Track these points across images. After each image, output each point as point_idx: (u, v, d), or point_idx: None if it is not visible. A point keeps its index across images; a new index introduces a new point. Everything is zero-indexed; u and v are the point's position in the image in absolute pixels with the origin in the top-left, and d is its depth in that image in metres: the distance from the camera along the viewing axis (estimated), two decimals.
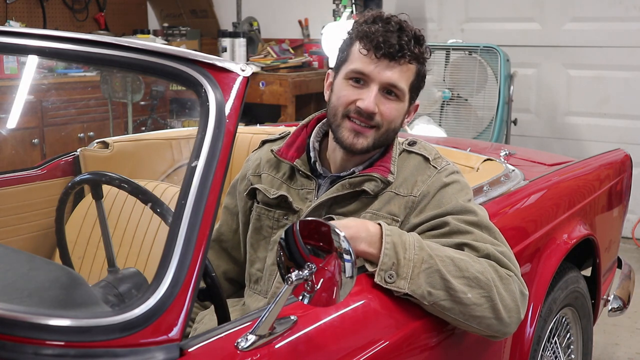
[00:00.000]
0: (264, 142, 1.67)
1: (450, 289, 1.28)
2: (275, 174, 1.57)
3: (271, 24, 5.42)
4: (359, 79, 1.43)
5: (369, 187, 1.45)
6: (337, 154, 1.50)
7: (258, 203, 1.59)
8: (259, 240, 1.57)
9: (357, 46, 1.43)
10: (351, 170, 1.50)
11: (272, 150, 1.57)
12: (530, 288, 1.72)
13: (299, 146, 1.55)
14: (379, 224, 1.33)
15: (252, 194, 1.61)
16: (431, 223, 1.42)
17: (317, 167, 1.54)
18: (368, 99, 1.40)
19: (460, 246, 1.36)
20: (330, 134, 1.51)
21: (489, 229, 1.41)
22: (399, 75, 1.42)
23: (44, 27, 4.91)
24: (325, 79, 1.55)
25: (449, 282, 1.28)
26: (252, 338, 1.03)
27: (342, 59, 1.47)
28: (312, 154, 1.55)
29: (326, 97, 1.52)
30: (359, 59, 1.42)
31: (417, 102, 1.53)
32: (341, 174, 1.50)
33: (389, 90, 1.43)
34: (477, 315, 1.30)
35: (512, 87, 3.99)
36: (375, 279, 1.28)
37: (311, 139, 1.56)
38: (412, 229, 1.44)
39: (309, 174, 1.53)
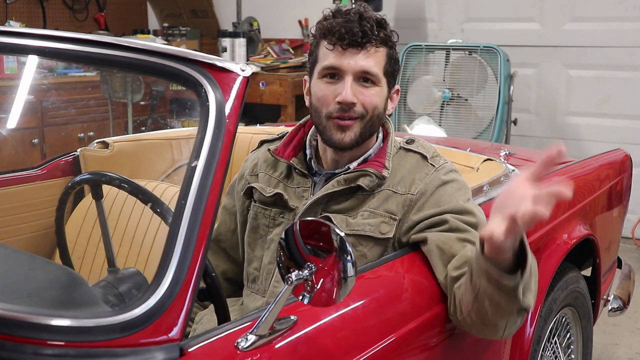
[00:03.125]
0: (262, 143, 1.68)
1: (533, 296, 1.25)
2: (273, 173, 1.58)
3: (271, 24, 5.42)
4: (333, 74, 1.44)
5: (363, 182, 1.45)
6: (328, 153, 1.51)
7: (255, 202, 1.59)
8: (255, 239, 1.58)
9: (323, 44, 1.45)
10: (346, 166, 1.50)
11: (269, 150, 1.58)
12: None
13: (295, 145, 1.56)
14: None
15: (249, 193, 1.61)
16: (430, 221, 1.42)
17: (313, 165, 1.54)
18: (345, 90, 1.41)
19: (462, 241, 1.36)
20: (319, 136, 1.51)
21: None
22: (369, 60, 1.42)
23: (44, 27, 4.91)
24: (303, 86, 1.56)
25: (534, 290, 1.25)
26: (252, 338, 1.03)
27: (313, 61, 1.49)
28: (308, 152, 1.55)
29: (307, 103, 1.53)
30: (327, 55, 1.43)
31: (397, 86, 1.54)
32: (336, 171, 1.51)
33: (364, 78, 1.43)
34: (518, 318, 1.28)
35: (512, 87, 3.99)
36: (518, 294, 1.18)
37: (308, 137, 1.56)
38: (411, 227, 1.44)
39: (305, 172, 1.53)
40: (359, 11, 1.44)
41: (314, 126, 1.56)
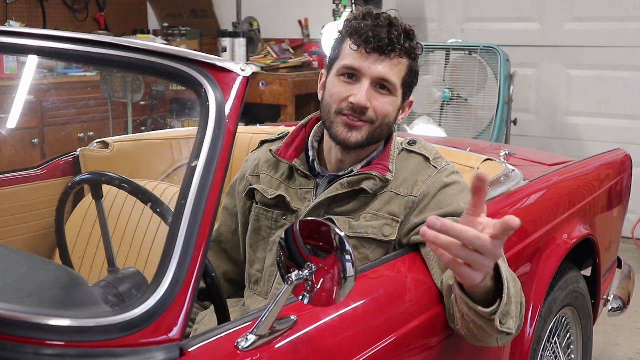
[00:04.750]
0: (262, 143, 1.67)
1: (519, 319, 1.25)
2: (274, 174, 1.57)
3: (271, 24, 5.42)
4: (351, 75, 1.43)
5: (367, 185, 1.45)
6: (333, 153, 1.50)
7: (257, 204, 1.59)
8: (258, 241, 1.57)
9: (347, 43, 1.44)
10: (349, 169, 1.50)
11: (270, 150, 1.57)
12: (530, 288, 1.73)
13: (297, 146, 1.55)
14: None
15: (251, 194, 1.61)
16: None
17: (316, 167, 1.54)
18: (360, 93, 1.40)
19: None
20: (326, 133, 1.51)
21: None
22: (390, 69, 1.42)
23: (44, 27, 4.91)
24: (319, 79, 1.56)
25: (521, 315, 1.25)
26: (252, 338, 1.03)
27: (334, 57, 1.48)
28: (310, 153, 1.55)
29: (320, 96, 1.52)
30: (350, 55, 1.43)
31: (412, 98, 1.53)
32: (339, 173, 1.50)
33: (381, 85, 1.43)
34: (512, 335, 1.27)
35: (512, 87, 3.99)
36: (495, 323, 1.17)
37: (310, 138, 1.56)
38: (412, 229, 1.44)
39: (308, 173, 1.53)
40: (389, 17, 1.43)
41: (317, 125, 1.56)
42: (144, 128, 4.54)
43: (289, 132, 1.60)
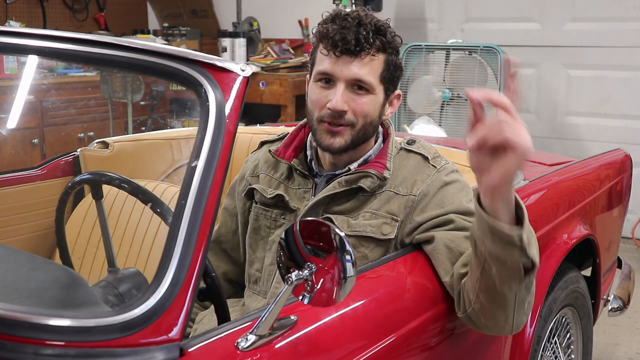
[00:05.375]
0: (262, 143, 1.68)
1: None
2: (274, 174, 1.58)
3: (271, 24, 5.42)
4: (327, 80, 1.43)
5: (365, 183, 1.45)
6: (326, 154, 1.51)
7: (256, 203, 1.59)
8: (257, 241, 1.58)
9: (320, 48, 1.44)
10: (346, 168, 1.50)
11: (270, 151, 1.58)
12: None
13: (296, 146, 1.56)
14: None
15: (250, 194, 1.61)
16: (435, 221, 1.42)
17: (314, 166, 1.54)
18: (335, 98, 1.40)
19: (469, 239, 1.36)
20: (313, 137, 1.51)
21: None
22: (361, 68, 1.40)
23: (44, 27, 4.91)
24: (305, 84, 1.56)
25: (536, 246, 1.23)
26: (252, 338, 1.03)
27: (312, 63, 1.48)
28: (308, 153, 1.55)
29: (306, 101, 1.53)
30: (322, 60, 1.43)
31: (398, 91, 1.52)
32: (337, 172, 1.51)
33: (358, 86, 1.42)
34: (526, 303, 1.27)
35: None
36: (524, 243, 1.14)
37: (308, 137, 1.56)
38: (415, 228, 1.44)
39: (306, 173, 1.53)
40: (358, 16, 1.41)
41: None
42: (144, 128, 4.54)
43: (288, 133, 1.61)
